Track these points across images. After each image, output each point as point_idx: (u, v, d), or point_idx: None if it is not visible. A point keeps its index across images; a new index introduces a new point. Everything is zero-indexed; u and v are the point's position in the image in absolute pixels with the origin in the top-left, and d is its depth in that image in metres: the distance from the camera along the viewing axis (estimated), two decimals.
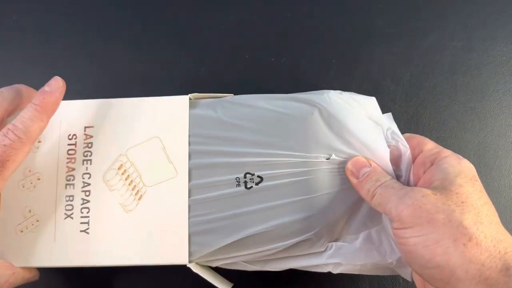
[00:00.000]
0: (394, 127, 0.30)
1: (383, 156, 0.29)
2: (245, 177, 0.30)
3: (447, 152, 0.27)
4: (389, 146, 0.30)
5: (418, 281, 0.29)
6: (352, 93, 0.32)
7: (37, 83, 0.39)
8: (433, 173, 0.26)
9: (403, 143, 0.29)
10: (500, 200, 0.36)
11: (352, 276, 0.35)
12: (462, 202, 0.24)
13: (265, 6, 0.40)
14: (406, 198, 0.25)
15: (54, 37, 0.40)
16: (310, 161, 0.29)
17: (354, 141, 0.29)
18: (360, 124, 0.30)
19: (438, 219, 0.24)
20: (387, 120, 0.31)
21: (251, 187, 0.29)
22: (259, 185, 0.29)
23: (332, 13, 0.40)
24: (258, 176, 0.29)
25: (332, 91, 0.31)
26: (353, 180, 0.28)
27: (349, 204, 0.29)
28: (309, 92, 0.32)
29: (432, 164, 0.27)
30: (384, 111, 0.37)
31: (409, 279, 0.30)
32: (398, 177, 0.30)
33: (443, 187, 0.25)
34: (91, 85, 0.39)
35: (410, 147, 0.29)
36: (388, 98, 0.38)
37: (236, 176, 0.30)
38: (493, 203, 0.26)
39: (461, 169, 0.26)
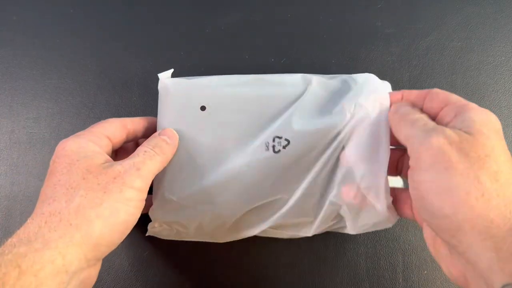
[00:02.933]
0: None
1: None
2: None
3: (472, 104, 0.26)
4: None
5: (427, 235, 0.28)
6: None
7: (37, 83, 0.39)
8: (458, 122, 0.25)
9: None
10: None
11: (352, 276, 0.35)
12: (486, 156, 0.23)
13: (265, 6, 0.40)
14: (431, 137, 0.24)
15: (54, 37, 0.40)
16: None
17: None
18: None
19: (456, 168, 0.23)
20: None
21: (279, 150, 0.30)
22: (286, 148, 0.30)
23: (332, 13, 0.40)
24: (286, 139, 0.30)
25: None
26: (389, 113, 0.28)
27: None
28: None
29: (456, 115, 0.26)
30: None
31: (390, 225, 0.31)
32: None
33: (472, 135, 0.24)
34: (91, 86, 0.39)
35: (436, 104, 0.27)
36: None
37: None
38: None
39: (488, 119, 0.25)
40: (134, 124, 0.31)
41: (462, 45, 0.39)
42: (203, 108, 0.31)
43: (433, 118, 0.27)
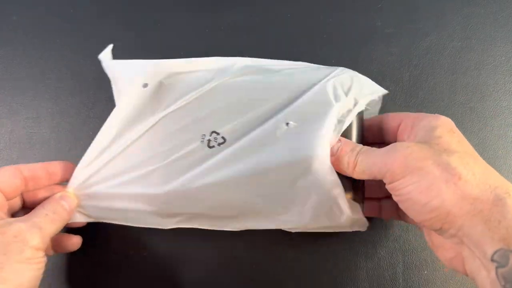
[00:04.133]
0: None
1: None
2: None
3: (425, 114, 0.29)
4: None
5: (423, 230, 0.30)
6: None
7: (37, 83, 0.39)
8: (414, 132, 0.28)
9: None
10: None
11: (352, 276, 0.35)
12: (446, 149, 0.25)
13: (265, 6, 0.40)
14: (391, 153, 0.26)
15: (54, 37, 0.40)
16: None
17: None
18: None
19: (427, 165, 0.24)
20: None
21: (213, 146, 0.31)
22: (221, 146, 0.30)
23: (331, 13, 0.40)
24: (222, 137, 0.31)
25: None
26: (330, 158, 0.29)
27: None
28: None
29: (412, 127, 0.28)
30: (383, 111, 0.38)
31: (364, 229, 0.32)
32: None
33: (424, 141, 0.26)
34: (91, 85, 0.39)
35: (393, 123, 0.30)
36: (388, 98, 0.38)
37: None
38: None
39: (439, 123, 0.27)
40: (32, 170, 0.30)
41: (462, 45, 0.39)
42: (145, 85, 0.32)
43: (394, 136, 0.30)
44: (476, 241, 0.23)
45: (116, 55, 0.40)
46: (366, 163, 0.27)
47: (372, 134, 0.32)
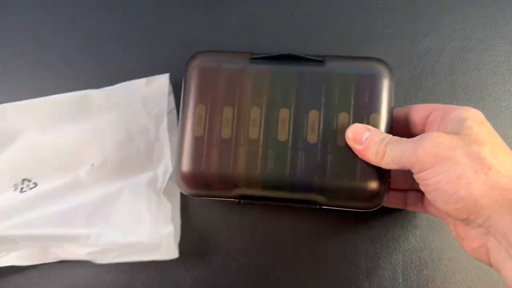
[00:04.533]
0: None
1: None
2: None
3: (455, 106, 0.28)
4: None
5: (447, 221, 0.30)
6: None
7: (37, 83, 0.39)
8: (444, 124, 0.27)
9: None
10: None
11: (352, 276, 0.35)
12: (476, 139, 0.25)
13: (265, 6, 0.40)
14: (422, 142, 0.26)
15: (54, 37, 0.40)
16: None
17: None
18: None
19: (456, 155, 0.24)
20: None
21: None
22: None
23: (331, 13, 0.40)
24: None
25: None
26: (358, 147, 0.29)
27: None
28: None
29: (442, 118, 0.28)
30: None
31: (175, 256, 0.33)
32: None
33: (454, 132, 0.26)
34: (91, 85, 0.39)
35: (422, 113, 0.30)
36: None
37: None
38: None
39: (469, 115, 0.27)
40: None
41: (462, 45, 0.39)
42: None
43: (422, 128, 0.30)
44: (503, 231, 0.23)
45: (116, 55, 0.40)
46: (395, 152, 0.27)
47: (399, 126, 0.31)
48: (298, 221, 0.36)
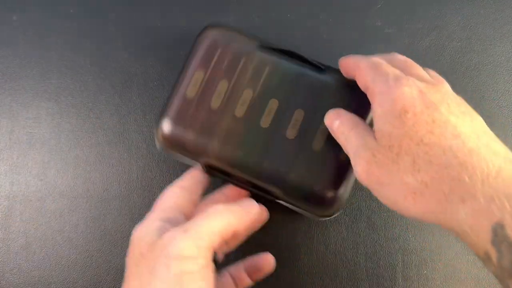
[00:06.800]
0: None
1: None
2: None
3: (379, 83, 0.25)
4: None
5: None
6: None
7: (37, 83, 0.39)
8: (374, 120, 0.26)
9: None
10: None
11: (352, 276, 0.35)
12: (397, 156, 0.23)
13: (265, 6, 0.40)
14: (357, 167, 0.25)
15: (54, 37, 0.40)
16: None
17: None
18: None
19: (385, 182, 0.24)
20: None
21: None
22: None
23: (332, 13, 0.40)
24: None
25: None
26: (330, 131, 0.29)
27: None
28: None
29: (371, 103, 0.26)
30: None
31: None
32: None
33: (379, 143, 0.24)
34: (91, 85, 0.39)
35: (362, 84, 0.27)
36: None
37: None
38: None
39: (388, 108, 0.24)
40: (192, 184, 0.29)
41: (462, 45, 0.39)
42: None
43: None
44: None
45: (116, 55, 0.40)
46: (348, 149, 0.27)
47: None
48: (298, 220, 0.36)
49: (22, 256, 0.36)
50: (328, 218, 0.31)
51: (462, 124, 0.24)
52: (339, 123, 0.28)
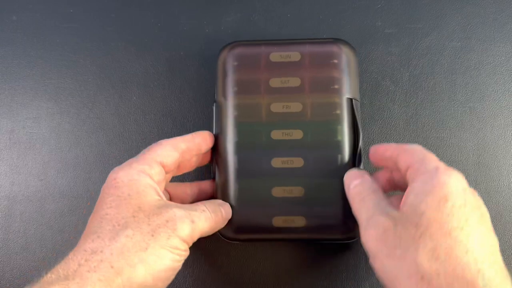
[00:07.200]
0: None
1: None
2: None
3: (428, 165, 0.26)
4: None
5: None
6: None
7: (37, 83, 0.39)
8: (406, 194, 0.25)
9: None
10: (499, 200, 0.36)
11: (352, 276, 0.35)
12: (420, 236, 0.23)
13: (265, 6, 0.40)
14: (370, 229, 0.25)
15: (54, 37, 0.40)
16: None
17: None
18: None
19: (395, 255, 0.23)
20: None
21: None
22: None
23: (332, 13, 0.40)
24: None
25: None
26: (346, 189, 0.30)
27: None
28: None
29: (411, 183, 0.26)
30: (383, 111, 0.38)
31: None
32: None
33: (406, 216, 0.24)
34: (91, 85, 0.39)
35: (403, 168, 0.27)
36: (388, 98, 0.38)
37: None
38: (492, 204, 0.26)
39: (430, 189, 0.24)
40: (187, 142, 0.30)
41: (462, 45, 0.39)
42: None
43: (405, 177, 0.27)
44: None
45: (116, 55, 0.40)
46: (359, 215, 0.27)
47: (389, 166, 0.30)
48: None
49: (22, 256, 0.36)
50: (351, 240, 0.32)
51: (488, 240, 0.24)
52: (359, 183, 0.29)
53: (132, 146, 0.38)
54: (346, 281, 0.35)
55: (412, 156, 0.27)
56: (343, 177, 0.31)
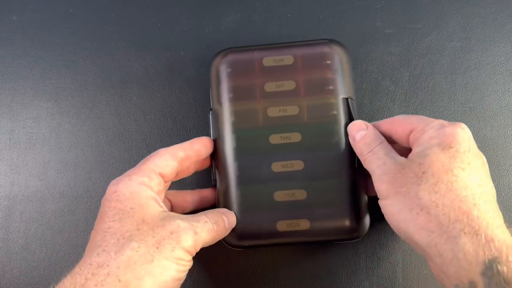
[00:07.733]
0: None
1: None
2: None
3: (433, 124, 0.27)
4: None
5: None
6: None
7: (37, 83, 0.39)
8: (416, 144, 0.27)
9: None
10: (499, 200, 0.35)
11: (352, 276, 0.35)
12: (423, 173, 0.25)
13: (265, 6, 0.40)
14: (383, 175, 0.27)
15: (54, 37, 0.40)
16: None
17: None
18: None
19: (401, 192, 0.26)
20: None
21: None
22: None
23: (332, 13, 0.40)
24: None
25: None
26: (351, 140, 0.31)
27: None
28: None
29: (417, 140, 0.28)
30: (383, 111, 0.38)
31: None
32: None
33: (412, 159, 0.26)
34: (91, 85, 0.39)
35: (405, 132, 0.29)
36: (388, 99, 0.38)
37: None
38: None
39: (436, 138, 0.26)
40: (185, 150, 0.30)
41: (462, 45, 0.39)
42: None
43: (406, 143, 0.29)
44: (438, 272, 0.25)
45: (115, 55, 0.40)
46: (370, 165, 0.29)
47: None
48: None
49: (22, 256, 0.36)
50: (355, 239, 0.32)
51: (487, 184, 0.26)
52: (365, 134, 0.30)
53: (132, 146, 0.38)
54: (346, 281, 0.35)
55: (413, 121, 0.29)
56: (343, 177, 0.31)
